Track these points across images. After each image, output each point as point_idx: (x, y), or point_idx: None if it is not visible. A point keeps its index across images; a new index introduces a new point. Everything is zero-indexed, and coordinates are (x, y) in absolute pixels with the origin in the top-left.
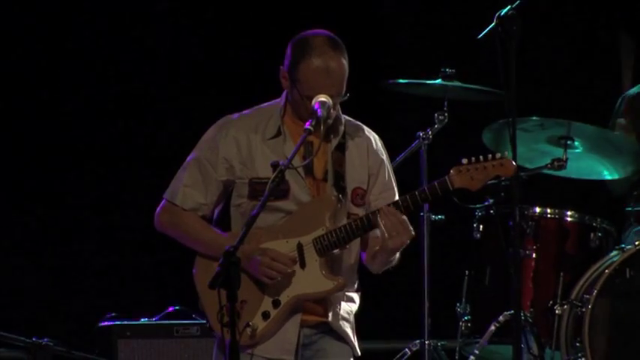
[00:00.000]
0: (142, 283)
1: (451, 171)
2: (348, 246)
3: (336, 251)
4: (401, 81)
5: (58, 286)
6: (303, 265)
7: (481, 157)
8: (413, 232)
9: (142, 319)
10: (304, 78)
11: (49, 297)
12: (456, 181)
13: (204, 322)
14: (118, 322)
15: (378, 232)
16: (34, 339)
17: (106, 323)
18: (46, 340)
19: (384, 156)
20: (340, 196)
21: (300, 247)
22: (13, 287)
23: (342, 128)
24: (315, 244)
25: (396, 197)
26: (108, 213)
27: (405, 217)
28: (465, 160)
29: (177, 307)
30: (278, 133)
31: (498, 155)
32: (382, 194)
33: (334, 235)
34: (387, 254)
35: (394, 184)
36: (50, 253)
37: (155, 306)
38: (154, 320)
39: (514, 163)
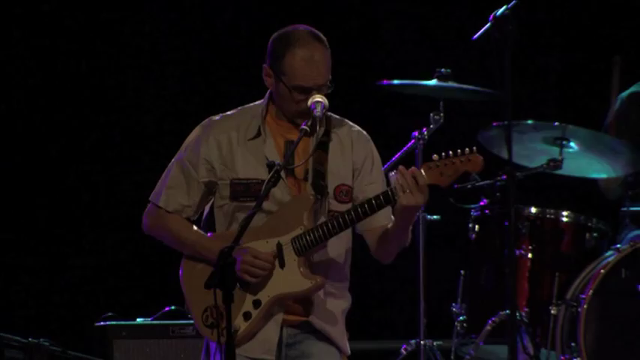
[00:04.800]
0: (137, 284)
1: (421, 168)
2: (326, 244)
3: (314, 250)
4: (396, 81)
5: (54, 286)
6: (282, 265)
7: (451, 152)
8: (427, 197)
9: (138, 319)
10: (290, 69)
11: (45, 297)
12: (426, 178)
13: None
14: (114, 322)
15: (378, 221)
16: (29, 339)
17: (101, 323)
18: (41, 340)
19: (370, 149)
20: (319, 195)
21: (279, 247)
22: (9, 287)
23: (323, 125)
24: (294, 244)
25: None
26: (104, 212)
27: (421, 176)
28: (435, 156)
29: (172, 308)
30: (258, 134)
31: (467, 150)
32: (368, 186)
33: (312, 234)
34: (403, 221)
35: (381, 177)
36: (46, 252)
37: (151, 306)
38: (149, 320)
39: (481, 157)
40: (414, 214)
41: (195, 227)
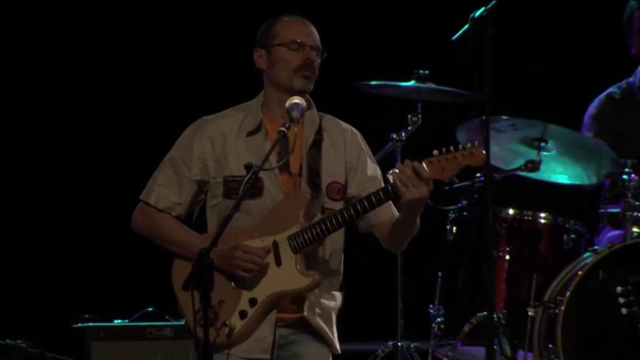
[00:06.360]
0: (115, 285)
1: (422, 163)
2: (322, 242)
3: (310, 248)
4: (374, 83)
5: (32, 288)
6: (279, 263)
7: (452, 147)
8: (431, 187)
9: (115, 321)
10: (283, 29)
11: (23, 298)
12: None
13: (178, 323)
14: (91, 324)
15: (385, 214)
16: (7, 340)
17: (79, 325)
18: (19, 341)
19: (363, 146)
20: (315, 193)
21: (275, 245)
22: None
23: (317, 121)
24: (290, 242)
25: (382, 183)
26: (83, 214)
27: (423, 168)
28: (436, 152)
29: (150, 309)
30: (258, 129)
31: (469, 145)
32: (369, 182)
33: (308, 231)
34: (409, 215)
35: (378, 170)
36: (24, 254)
37: (129, 308)
38: (127, 322)
39: (484, 152)
40: (421, 206)
41: (185, 227)
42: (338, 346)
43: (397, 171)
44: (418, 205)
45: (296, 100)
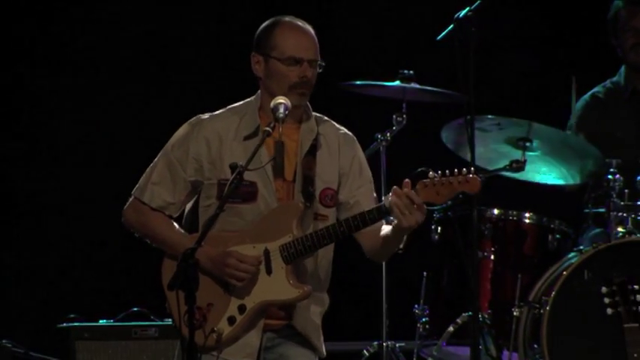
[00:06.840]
0: (101, 285)
1: (417, 185)
2: (314, 252)
3: (301, 259)
4: (359, 83)
5: (17, 287)
6: (269, 272)
7: (447, 171)
8: (425, 213)
9: (101, 321)
10: (280, 41)
11: (8, 298)
12: (422, 196)
13: (163, 323)
14: (77, 324)
15: (374, 225)
16: None
17: (64, 325)
18: (4, 341)
19: (357, 152)
20: (308, 203)
21: (266, 253)
22: None
23: (315, 129)
24: (282, 252)
25: (373, 192)
26: (67, 213)
27: (416, 196)
28: (431, 174)
29: (135, 309)
30: (255, 133)
31: (464, 171)
32: (359, 189)
33: (301, 243)
34: (400, 236)
35: (369, 178)
36: (8, 253)
37: (114, 307)
38: (112, 322)
39: (479, 179)
40: (412, 229)
41: (177, 226)
42: (324, 350)
43: (392, 196)
44: (410, 229)
45: (280, 99)
